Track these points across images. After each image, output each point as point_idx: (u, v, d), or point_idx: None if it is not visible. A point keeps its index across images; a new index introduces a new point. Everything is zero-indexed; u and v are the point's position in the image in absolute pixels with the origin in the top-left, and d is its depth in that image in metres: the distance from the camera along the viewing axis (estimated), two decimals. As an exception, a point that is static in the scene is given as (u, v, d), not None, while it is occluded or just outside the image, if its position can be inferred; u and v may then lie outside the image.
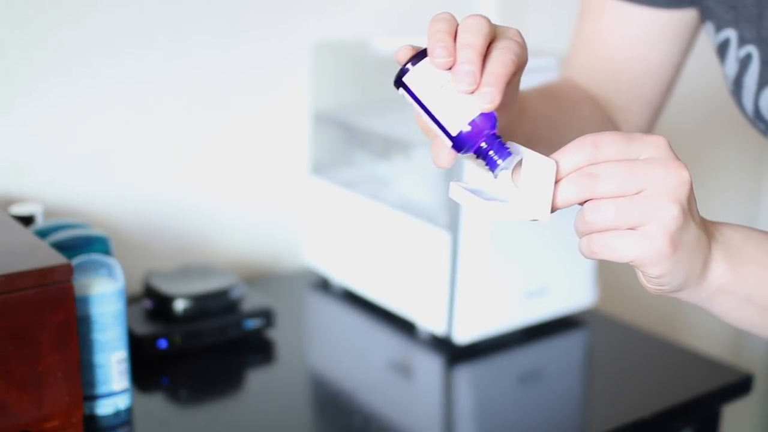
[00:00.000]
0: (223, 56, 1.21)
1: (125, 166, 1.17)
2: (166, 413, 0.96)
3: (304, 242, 1.31)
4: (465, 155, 0.68)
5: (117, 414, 0.91)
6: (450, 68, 0.64)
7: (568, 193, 0.61)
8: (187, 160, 1.22)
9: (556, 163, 0.61)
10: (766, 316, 0.67)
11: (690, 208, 0.60)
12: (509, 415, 0.97)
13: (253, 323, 1.07)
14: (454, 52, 0.64)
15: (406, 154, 1.16)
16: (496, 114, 0.65)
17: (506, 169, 0.66)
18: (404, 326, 1.13)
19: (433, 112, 0.66)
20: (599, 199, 0.60)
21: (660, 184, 0.59)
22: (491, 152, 0.65)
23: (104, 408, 0.91)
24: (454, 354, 1.07)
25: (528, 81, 1.04)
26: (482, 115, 0.63)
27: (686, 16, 0.88)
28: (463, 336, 1.07)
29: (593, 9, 0.92)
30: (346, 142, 1.27)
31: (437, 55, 0.64)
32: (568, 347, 1.14)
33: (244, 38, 1.22)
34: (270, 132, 1.27)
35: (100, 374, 0.89)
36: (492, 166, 0.65)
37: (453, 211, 1.05)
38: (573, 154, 0.61)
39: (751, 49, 0.80)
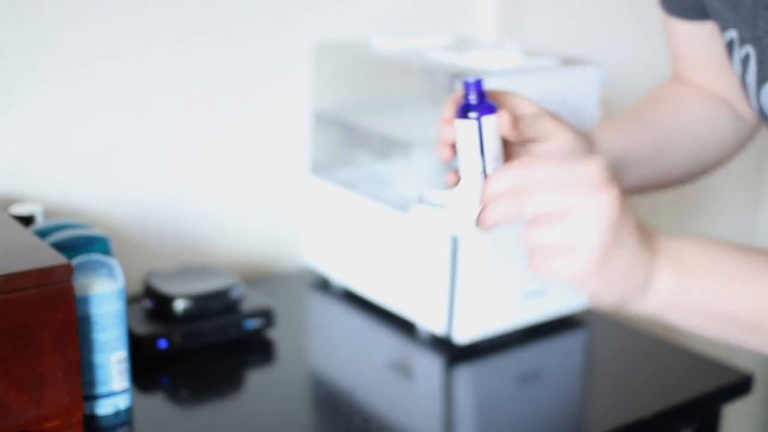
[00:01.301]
0: (223, 56, 1.21)
1: (125, 166, 1.17)
2: (166, 413, 0.96)
3: (304, 242, 1.31)
4: None
5: (117, 414, 0.91)
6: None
7: (495, 212, 0.66)
8: (187, 160, 1.22)
9: (487, 182, 0.66)
10: (720, 327, 0.68)
11: (621, 227, 0.63)
12: (509, 415, 0.97)
13: (253, 323, 1.07)
14: None
15: (406, 154, 1.16)
16: None
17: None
18: (404, 326, 1.13)
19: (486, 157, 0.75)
20: (535, 221, 0.63)
21: (585, 207, 0.62)
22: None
23: (104, 408, 0.91)
24: (454, 354, 1.07)
25: (528, 81, 1.05)
26: None
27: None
28: (463, 336, 1.07)
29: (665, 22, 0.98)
30: (346, 142, 1.27)
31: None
32: (567, 347, 1.14)
33: (244, 38, 1.22)
34: (270, 132, 1.27)
35: (100, 374, 0.89)
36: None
37: (453, 211, 1.05)
38: (505, 176, 0.65)
39: (749, 48, 0.81)
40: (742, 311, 0.67)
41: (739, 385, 1.04)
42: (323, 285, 1.26)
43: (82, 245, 0.95)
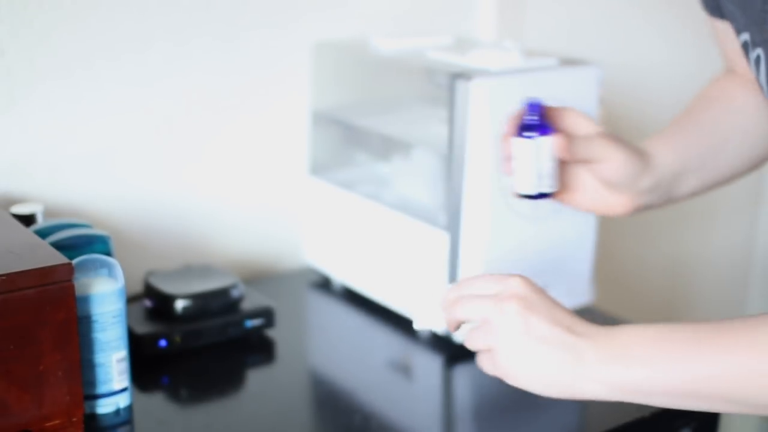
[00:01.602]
0: (223, 57, 1.21)
1: (126, 166, 1.17)
2: (166, 412, 0.96)
3: (304, 242, 1.31)
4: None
5: (117, 413, 0.91)
6: None
7: (443, 316, 0.84)
8: (187, 160, 1.22)
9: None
10: (679, 401, 0.75)
11: (531, 329, 0.77)
12: (509, 415, 0.98)
13: (253, 323, 1.07)
14: None
15: (406, 154, 1.16)
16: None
17: None
18: (404, 325, 1.14)
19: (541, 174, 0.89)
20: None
21: (496, 316, 0.78)
22: None
23: (105, 407, 0.91)
24: (453, 353, 1.07)
25: (527, 81, 1.05)
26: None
27: None
28: (463, 335, 1.07)
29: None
30: (346, 142, 1.28)
31: None
32: (567, 347, 1.14)
33: (244, 39, 1.22)
34: (270, 132, 1.27)
35: (101, 373, 0.90)
36: None
37: (452, 212, 1.05)
38: (451, 290, 0.83)
39: (760, 51, 0.81)
40: (690, 388, 0.74)
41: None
42: (323, 284, 1.26)
43: (82, 245, 0.96)
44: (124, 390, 0.92)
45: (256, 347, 1.08)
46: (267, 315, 1.08)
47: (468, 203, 1.03)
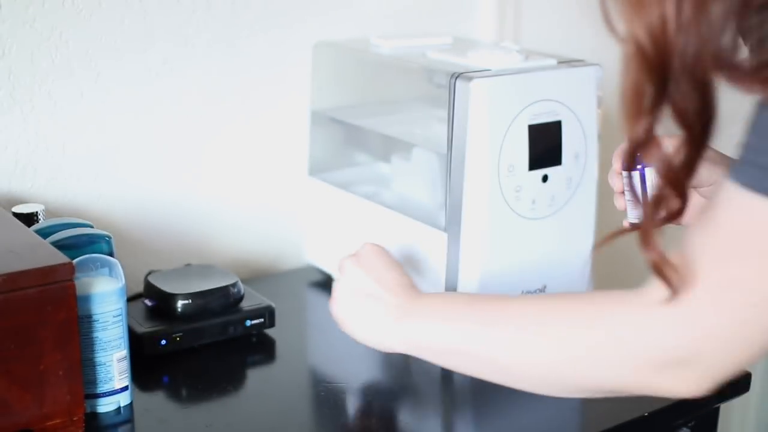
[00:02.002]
0: (223, 57, 1.21)
1: (126, 166, 1.17)
2: (166, 411, 0.96)
3: (304, 241, 1.31)
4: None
5: (118, 412, 0.92)
6: None
7: None
8: (188, 160, 1.22)
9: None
10: (447, 358, 0.86)
11: (360, 285, 0.93)
12: (509, 415, 0.98)
13: (253, 322, 1.08)
14: None
15: (406, 154, 1.16)
16: None
17: None
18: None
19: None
20: None
21: (340, 272, 0.96)
22: None
23: (105, 406, 0.91)
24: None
25: (527, 81, 1.05)
26: None
27: None
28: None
29: None
30: (346, 142, 1.28)
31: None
32: (567, 346, 1.14)
33: (244, 39, 1.22)
34: (270, 132, 1.27)
35: (102, 373, 0.90)
36: None
37: (452, 212, 1.05)
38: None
39: None
40: (461, 346, 0.83)
41: (738, 384, 1.04)
42: (324, 284, 1.26)
43: (83, 244, 0.96)
44: (124, 389, 0.92)
45: (257, 346, 1.08)
46: (267, 314, 1.09)
47: (468, 203, 1.03)
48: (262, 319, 1.08)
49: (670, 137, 0.88)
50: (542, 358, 0.77)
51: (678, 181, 0.67)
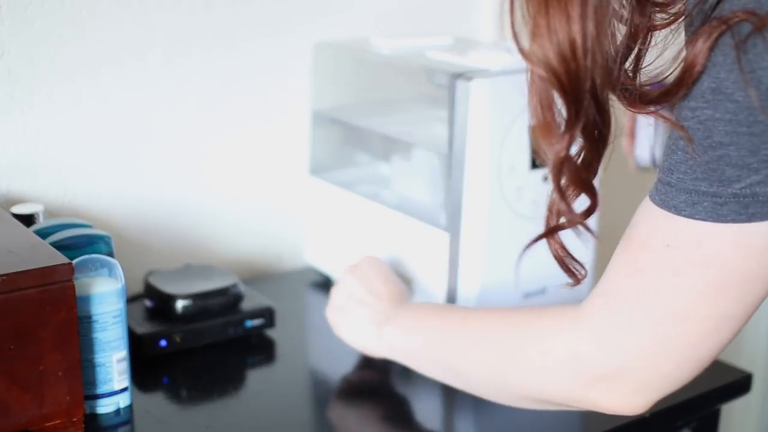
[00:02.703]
0: (223, 58, 1.21)
1: (126, 166, 1.17)
2: (166, 412, 0.96)
3: (304, 242, 1.31)
4: None
5: (118, 413, 0.91)
6: None
7: None
8: (188, 161, 1.22)
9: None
10: (422, 365, 0.93)
11: (353, 292, 1.01)
12: (509, 415, 0.98)
13: (253, 322, 1.07)
14: None
15: (406, 154, 1.16)
16: None
17: None
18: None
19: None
20: None
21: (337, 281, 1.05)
22: None
23: (105, 407, 0.91)
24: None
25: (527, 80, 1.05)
26: None
27: None
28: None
29: None
30: (346, 142, 1.28)
31: None
32: (567, 346, 1.14)
33: (245, 39, 1.22)
34: (271, 132, 1.27)
35: (101, 373, 0.90)
36: None
37: (452, 212, 1.05)
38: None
39: None
40: (427, 352, 0.91)
41: (739, 385, 1.04)
42: (324, 284, 1.26)
43: (83, 245, 0.96)
44: (124, 390, 0.92)
45: (257, 347, 1.08)
46: (267, 315, 1.08)
47: (468, 203, 1.03)
48: (262, 320, 1.08)
49: None
50: (492, 369, 0.83)
51: (584, 180, 0.70)
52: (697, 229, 0.65)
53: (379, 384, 1.03)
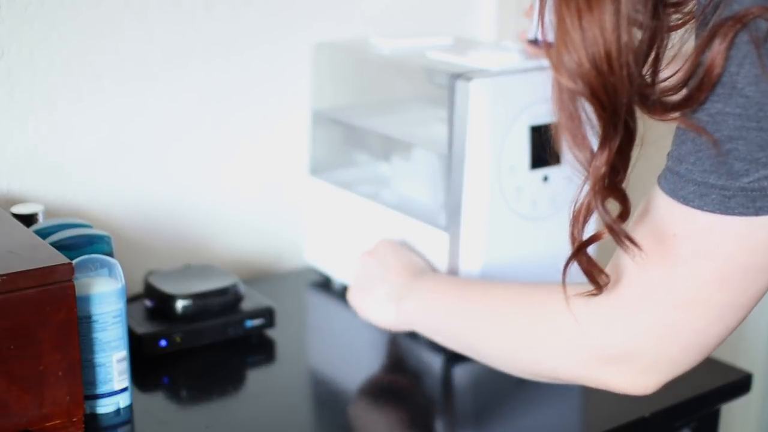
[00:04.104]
0: (223, 57, 1.21)
1: (126, 166, 1.17)
2: (166, 412, 0.96)
3: (304, 242, 1.31)
4: None
5: (117, 413, 0.91)
6: None
7: None
8: (188, 160, 1.22)
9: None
10: (442, 337, 0.95)
11: (371, 272, 1.05)
12: (509, 415, 0.98)
13: (253, 322, 1.07)
14: None
15: (406, 154, 1.16)
16: None
17: None
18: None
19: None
20: None
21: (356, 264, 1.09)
22: None
23: (105, 407, 0.91)
24: (454, 353, 1.07)
25: (527, 81, 1.05)
26: None
27: None
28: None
29: None
30: (346, 142, 1.28)
31: None
32: (567, 347, 1.14)
33: (245, 39, 1.22)
34: (270, 132, 1.27)
35: (101, 373, 0.90)
36: None
37: (452, 212, 1.05)
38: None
39: None
40: (440, 324, 0.95)
41: (739, 384, 1.04)
42: (324, 284, 1.26)
43: (83, 245, 0.96)
44: (124, 390, 0.92)
45: (257, 347, 1.08)
46: (267, 315, 1.08)
47: (468, 203, 1.03)
48: (262, 320, 1.08)
49: None
50: (506, 345, 0.86)
51: (614, 187, 0.69)
52: (705, 220, 0.66)
53: (378, 384, 1.03)
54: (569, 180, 1.08)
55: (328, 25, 1.28)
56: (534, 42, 1.07)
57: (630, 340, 0.73)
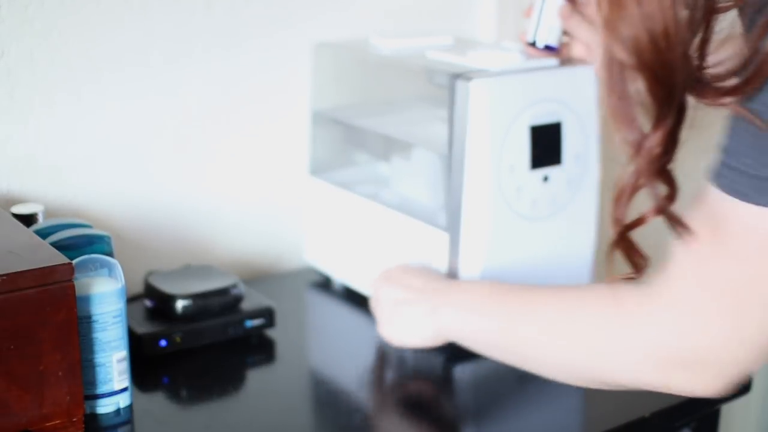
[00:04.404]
0: (223, 57, 1.21)
1: (127, 166, 1.17)
2: (166, 412, 0.96)
3: (304, 242, 1.31)
4: None
5: (117, 413, 0.91)
6: None
7: None
8: (188, 160, 1.22)
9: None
10: (483, 347, 0.93)
11: (390, 296, 1.01)
12: (509, 415, 0.98)
13: (253, 322, 1.07)
14: None
15: (406, 154, 1.16)
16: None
17: None
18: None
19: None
20: None
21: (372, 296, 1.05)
22: None
23: (105, 407, 0.91)
24: (454, 353, 1.07)
25: (527, 80, 1.05)
26: None
27: None
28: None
29: None
30: (346, 142, 1.28)
31: None
32: (567, 347, 1.14)
33: (245, 39, 1.22)
34: (270, 132, 1.27)
35: (101, 373, 0.90)
36: None
37: (452, 212, 1.05)
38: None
39: None
40: (487, 336, 0.92)
41: (739, 385, 1.04)
42: (324, 284, 1.26)
43: (83, 245, 0.96)
44: (124, 390, 0.92)
45: (257, 347, 1.08)
46: (267, 315, 1.08)
47: (468, 203, 1.03)
48: (262, 320, 1.08)
49: None
50: (563, 354, 0.82)
51: (662, 169, 0.67)
52: (765, 215, 0.64)
53: (378, 385, 1.03)
54: (570, 181, 1.08)
55: (328, 25, 1.28)
56: (533, 44, 1.06)
57: (700, 344, 0.71)
